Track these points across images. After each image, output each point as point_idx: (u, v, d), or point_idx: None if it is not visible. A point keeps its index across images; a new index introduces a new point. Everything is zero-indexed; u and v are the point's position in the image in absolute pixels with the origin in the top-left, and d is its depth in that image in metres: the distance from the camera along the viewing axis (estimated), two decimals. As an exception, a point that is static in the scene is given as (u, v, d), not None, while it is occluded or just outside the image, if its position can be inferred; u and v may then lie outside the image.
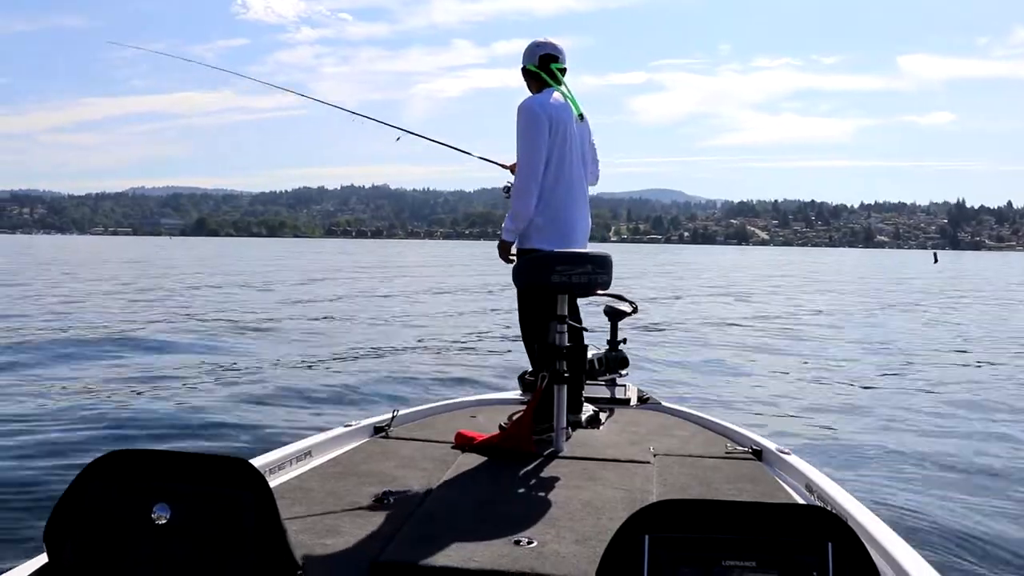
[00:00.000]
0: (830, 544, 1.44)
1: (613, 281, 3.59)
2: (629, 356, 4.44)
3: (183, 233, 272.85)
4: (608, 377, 4.50)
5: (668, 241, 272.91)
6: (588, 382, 4.20)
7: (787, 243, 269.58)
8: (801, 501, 2.88)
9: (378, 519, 2.59)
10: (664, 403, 4.52)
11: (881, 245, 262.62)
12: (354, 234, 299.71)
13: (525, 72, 3.91)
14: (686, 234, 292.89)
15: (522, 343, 3.98)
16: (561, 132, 3.74)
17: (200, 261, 50.00)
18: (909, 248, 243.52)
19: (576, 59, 4.05)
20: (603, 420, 4.01)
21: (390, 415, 3.84)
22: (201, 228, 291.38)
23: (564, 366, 3.49)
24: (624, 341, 4.43)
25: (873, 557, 1.47)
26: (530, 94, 3.88)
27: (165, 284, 25.90)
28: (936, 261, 78.65)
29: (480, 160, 4.42)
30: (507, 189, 3.97)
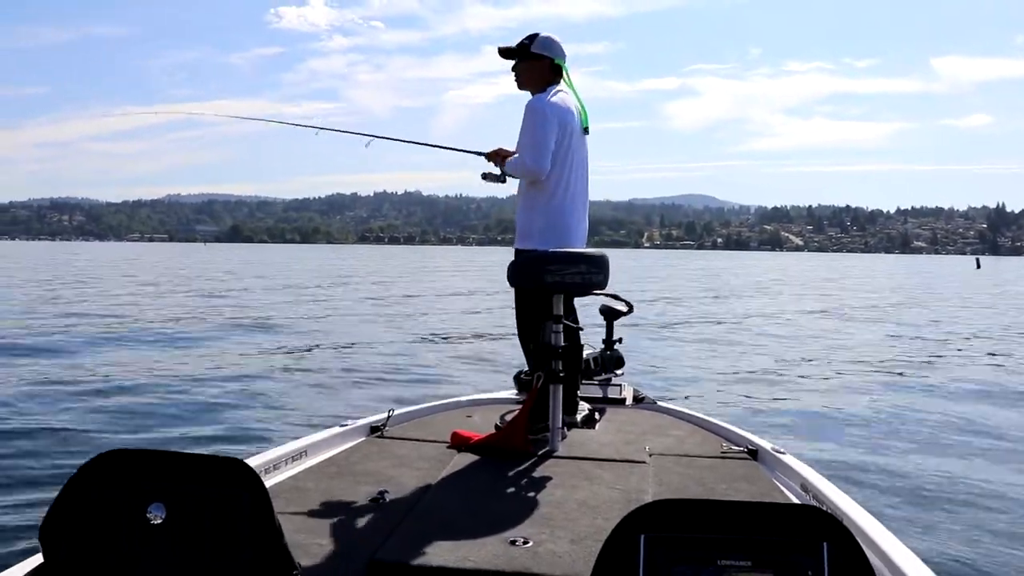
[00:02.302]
0: (825, 544, 1.42)
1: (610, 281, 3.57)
2: (624, 356, 4.41)
3: (218, 239, 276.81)
4: (603, 377, 4.47)
5: (701, 247, 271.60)
6: (584, 382, 4.18)
7: (822, 249, 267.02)
8: (796, 501, 2.84)
9: (374, 519, 2.58)
10: (659, 403, 4.48)
11: (918, 251, 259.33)
12: (387, 240, 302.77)
13: (547, 64, 3.84)
14: (719, 240, 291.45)
15: (518, 342, 3.96)
16: (567, 138, 3.75)
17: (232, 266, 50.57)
18: (947, 254, 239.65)
19: (609, 64, 4.04)
20: (598, 420, 3.99)
21: (386, 414, 3.84)
22: (236, 234, 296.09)
23: (560, 366, 3.48)
24: (620, 341, 4.40)
25: (868, 557, 1.45)
26: (521, 80, 3.89)
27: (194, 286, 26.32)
28: (979, 267, 77.74)
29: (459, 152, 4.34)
30: (484, 176, 3.99)
